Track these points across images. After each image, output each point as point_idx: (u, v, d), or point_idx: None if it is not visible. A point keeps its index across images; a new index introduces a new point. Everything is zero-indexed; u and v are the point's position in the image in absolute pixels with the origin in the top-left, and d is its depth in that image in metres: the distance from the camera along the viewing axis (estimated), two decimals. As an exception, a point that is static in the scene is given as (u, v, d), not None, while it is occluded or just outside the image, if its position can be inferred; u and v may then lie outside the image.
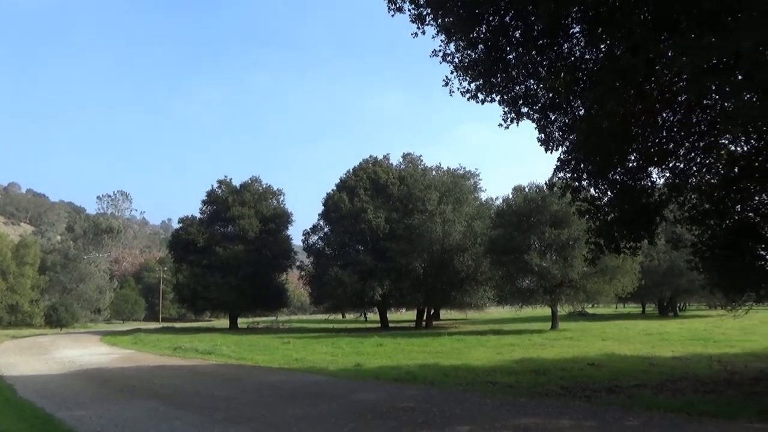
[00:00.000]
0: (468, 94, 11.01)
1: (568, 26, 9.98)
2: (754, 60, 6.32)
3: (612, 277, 31.75)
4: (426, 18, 10.78)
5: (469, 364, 15.87)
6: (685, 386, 11.04)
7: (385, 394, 10.78)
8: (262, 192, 50.66)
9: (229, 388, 12.13)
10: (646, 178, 12.07)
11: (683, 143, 11.97)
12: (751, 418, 7.63)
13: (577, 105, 10.98)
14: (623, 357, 17.11)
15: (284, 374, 14.58)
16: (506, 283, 34.38)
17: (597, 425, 7.61)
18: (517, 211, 33.35)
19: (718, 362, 15.07)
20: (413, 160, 46.77)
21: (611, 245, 11.97)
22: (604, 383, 11.63)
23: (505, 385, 11.52)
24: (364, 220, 40.24)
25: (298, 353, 20.53)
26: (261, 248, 47.25)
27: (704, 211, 12.69)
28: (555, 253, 32.28)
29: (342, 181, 44.73)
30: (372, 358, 18.14)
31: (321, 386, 12.13)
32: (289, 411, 9.28)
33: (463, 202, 41.53)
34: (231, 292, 44.56)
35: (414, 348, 21.83)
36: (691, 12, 7.92)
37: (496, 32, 10.08)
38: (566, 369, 14.18)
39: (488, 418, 8.26)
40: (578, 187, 11.89)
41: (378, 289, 38.24)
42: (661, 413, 8.21)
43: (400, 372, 14.09)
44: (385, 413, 8.82)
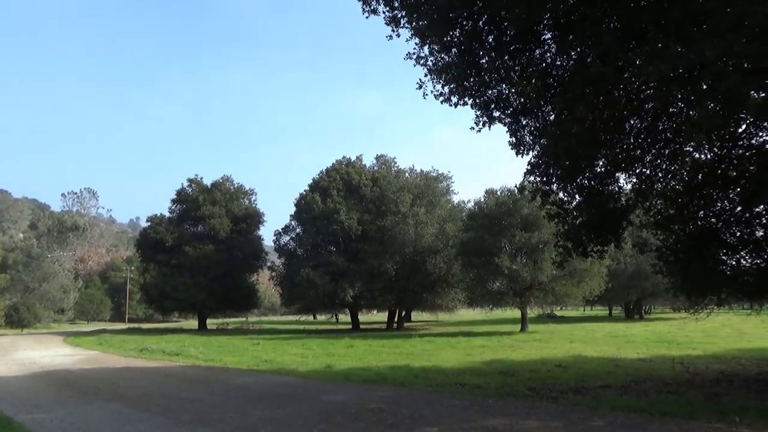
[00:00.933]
0: (441, 98, 11.08)
1: (540, 33, 10.13)
2: (717, 70, 6.51)
3: (580, 280, 32.33)
4: (400, 21, 10.82)
5: (439, 365, 15.95)
6: (649, 387, 11.29)
7: (355, 395, 10.76)
8: (233, 191, 50.11)
9: (197, 390, 11.94)
10: (614, 184, 12.32)
11: (650, 150, 12.26)
12: (711, 418, 7.84)
13: (548, 110, 11.15)
14: (590, 358, 17.42)
15: (253, 376, 14.43)
16: (477, 285, 34.69)
17: (563, 425, 7.72)
18: (488, 214, 33.69)
19: (680, 364, 15.46)
20: (386, 161, 46.88)
21: (579, 248, 12.18)
22: (570, 384, 11.82)
23: (474, 387, 11.61)
24: (336, 221, 40.15)
25: (267, 354, 20.34)
26: (232, 248, 46.72)
27: (669, 216, 13.02)
28: (525, 256, 32.70)
29: (315, 182, 44.55)
30: (342, 360, 18.08)
31: (290, 388, 12.04)
32: (257, 413, 9.18)
33: (435, 204, 41.80)
34: (200, 293, 43.96)
35: (385, 349, 21.84)
36: (658, 22, 8.12)
37: (469, 36, 10.18)
38: (534, 370, 14.37)
39: (456, 419, 8.31)
40: (548, 191, 12.07)
41: (349, 290, 38.18)
42: (625, 413, 8.38)
43: (371, 373, 14.08)
44: (354, 415, 8.80)
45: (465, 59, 10.38)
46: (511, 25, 8.92)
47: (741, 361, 16.24)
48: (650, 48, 7.53)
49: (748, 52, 6.40)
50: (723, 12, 6.78)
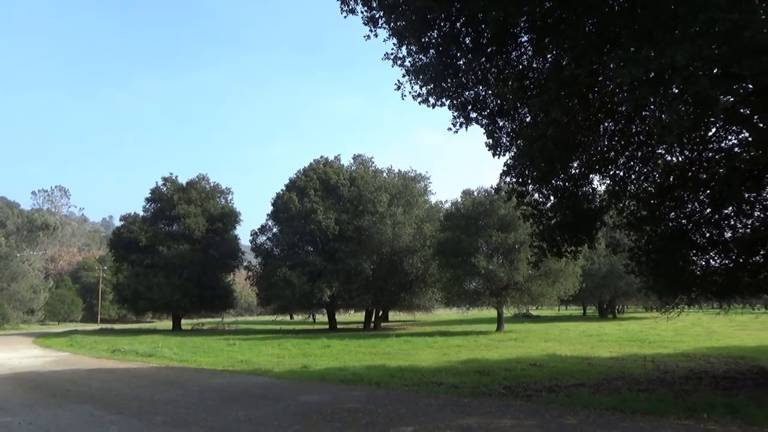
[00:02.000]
0: (419, 98, 11.14)
1: (517, 35, 10.25)
2: (687, 74, 6.66)
3: (555, 280, 32.73)
4: (378, 21, 10.86)
5: (415, 365, 16.00)
6: (621, 385, 11.49)
7: (331, 395, 10.74)
8: (209, 190, 49.56)
9: (170, 392, 11.78)
10: (588, 185, 12.53)
11: (623, 152, 12.49)
12: (680, 415, 8.01)
13: (524, 112, 11.29)
14: (564, 357, 17.65)
15: (228, 376, 14.29)
16: (454, 285, 34.89)
17: (537, 424, 7.82)
18: (465, 215, 33.91)
19: (651, 362, 15.75)
20: (364, 161, 46.82)
21: (554, 249, 12.34)
22: (545, 383, 11.96)
23: (450, 386, 11.67)
24: (313, 221, 39.97)
25: (243, 355, 20.16)
26: (207, 248, 46.21)
27: (641, 217, 13.28)
28: (501, 256, 32.99)
29: (292, 182, 44.29)
30: (319, 360, 18.02)
31: (266, 388, 11.96)
32: (231, 414, 9.10)
33: (413, 204, 41.91)
34: (175, 293, 43.39)
35: (361, 349, 21.82)
36: (631, 26, 8.28)
37: (447, 38, 10.25)
38: (509, 369, 14.51)
39: (432, 418, 8.35)
40: (523, 192, 12.21)
41: (327, 290, 38.04)
42: (598, 411, 8.51)
43: (347, 373, 14.06)
44: (329, 415, 8.78)
45: (442, 60, 10.45)
46: (487, 27, 9.00)
47: (710, 359, 16.62)
48: (623, 52, 7.66)
49: (717, 57, 6.56)
50: (693, 18, 6.93)
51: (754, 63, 6.35)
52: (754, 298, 14.79)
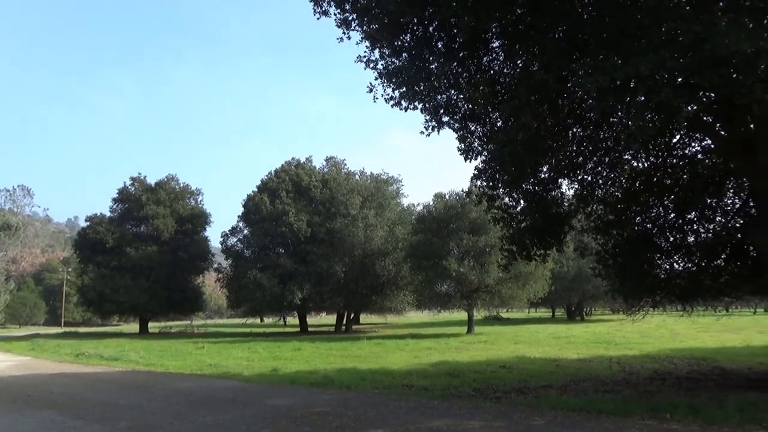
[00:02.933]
0: (392, 101, 11.15)
1: (488, 41, 10.37)
2: (651, 83, 6.83)
3: (525, 283, 33.14)
4: (351, 23, 10.85)
5: (386, 367, 16.01)
6: (588, 386, 11.70)
7: (301, 399, 10.67)
8: (179, 191, 48.77)
9: (136, 396, 11.55)
10: (557, 189, 12.73)
11: (591, 157, 12.75)
12: (644, 415, 8.19)
13: (495, 117, 11.41)
14: (533, 359, 17.89)
15: (196, 380, 14.07)
16: (425, 287, 35.03)
17: (505, 425, 7.90)
18: (437, 218, 34.10)
19: (617, 364, 16.08)
20: (336, 163, 46.70)
21: (523, 252, 12.51)
22: (514, 384, 12.11)
23: (420, 388, 11.72)
24: (285, 223, 39.67)
25: (212, 358, 19.89)
26: (176, 249, 45.47)
27: (608, 221, 13.57)
28: (472, 259, 33.24)
29: (263, 183, 43.88)
30: (289, 363, 17.89)
31: (234, 392, 11.81)
32: (199, 418, 8.96)
33: (385, 207, 41.95)
34: (142, 295, 42.54)
35: (332, 352, 21.75)
36: (599, 35, 8.46)
37: (419, 42, 10.30)
38: (479, 371, 14.64)
39: (401, 420, 8.37)
40: (494, 196, 12.35)
41: (298, 292, 37.78)
42: (564, 412, 8.64)
43: (317, 376, 13.99)
44: (299, 418, 8.72)
45: (415, 64, 10.49)
46: (460, 32, 9.07)
47: (673, 360, 17.05)
48: (591, 60, 7.82)
49: (680, 67, 6.74)
50: (657, 29, 7.13)
51: (713, 74, 6.55)
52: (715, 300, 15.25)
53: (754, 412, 7.84)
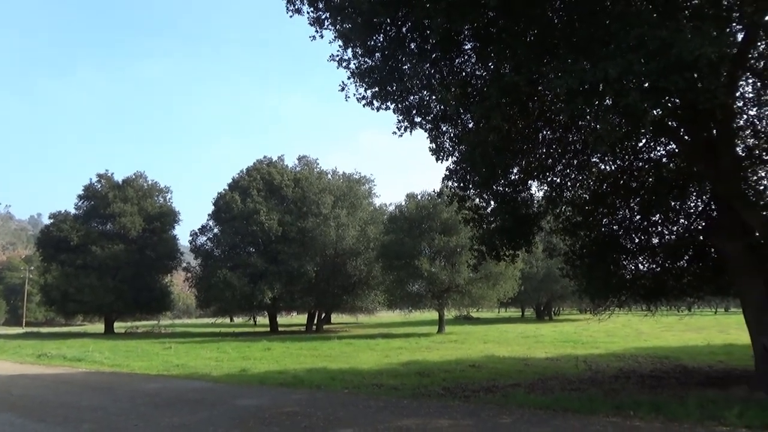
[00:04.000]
0: (364, 101, 11.14)
1: (461, 43, 10.43)
2: (619, 87, 6.98)
3: (495, 283, 33.51)
4: (324, 22, 10.79)
5: (356, 367, 15.99)
6: (554, 385, 11.88)
7: (270, 399, 10.57)
8: (147, 188, 47.86)
9: (100, 398, 11.28)
10: (527, 191, 12.89)
11: (560, 160, 12.94)
12: (609, 413, 8.36)
13: (467, 118, 11.48)
14: (502, 358, 18.09)
15: (162, 381, 13.82)
16: (397, 287, 35.14)
17: (473, 423, 7.97)
18: (409, 218, 34.23)
19: (584, 362, 16.37)
20: (309, 162, 46.46)
21: (492, 252, 12.63)
22: (482, 383, 12.22)
23: (391, 387, 11.73)
24: (256, 222, 39.28)
25: (179, 359, 19.57)
26: (144, 248, 44.63)
27: (576, 223, 13.79)
28: (444, 259, 33.47)
29: (234, 181, 43.37)
30: (259, 363, 17.73)
31: (202, 393, 11.64)
32: (165, 420, 8.80)
33: (357, 206, 41.91)
34: (108, 295, 41.61)
35: (303, 352, 21.63)
36: (569, 39, 8.59)
37: (392, 42, 10.31)
38: (449, 371, 14.74)
39: (371, 420, 8.36)
40: (464, 197, 12.43)
41: (268, 292, 37.44)
42: (532, 410, 8.76)
43: (287, 376, 13.90)
44: (267, 419, 8.64)
45: (388, 64, 10.50)
46: (433, 33, 9.10)
47: (638, 359, 17.43)
48: (560, 63, 7.95)
49: (647, 71, 6.90)
50: (625, 34, 7.27)
51: (679, 78, 6.73)
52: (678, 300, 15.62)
53: (713, 409, 8.07)
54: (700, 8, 8.90)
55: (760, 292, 10.13)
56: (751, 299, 10.31)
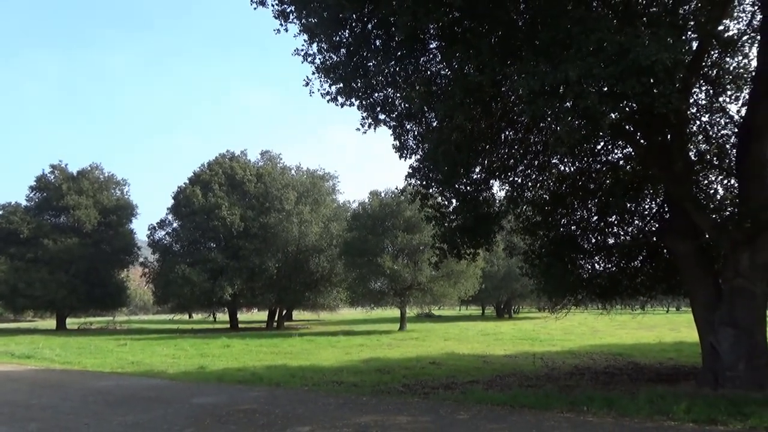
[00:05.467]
0: (328, 96, 11.08)
1: (426, 41, 10.48)
2: (578, 90, 7.12)
3: (456, 281, 33.89)
4: (289, 16, 10.66)
5: (317, 364, 15.92)
6: (512, 381, 12.08)
7: (227, 396, 10.41)
8: (103, 181, 46.43)
9: (49, 396, 10.89)
10: (488, 190, 13.05)
11: (522, 160, 13.15)
12: (563, 408, 8.55)
13: (431, 116, 11.55)
14: (462, 355, 18.29)
15: (116, 379, 13.46)
16: (359, 284, 35.15)
17: (431, 420, 8.04)
18: (372, 215, 34.25)
19: (541, 359, 16.71)
20: (272, 157, 45.91)
21: (454, 250, 12.74)
22: (442, 380, 12.33)
23: (351, 385, 11.72)
24: (217, 217, 38.59)
25: (134, 356, 19.09)
26: (99, 242, 43.31)
27: (536, 222, 14.05)
28: (406, 257, 33.65)
29: (195, 175, 42.46)
30: (217, 360, 17.45)
31: (157, 390, 11.38)
32: (117, 418, 8.56)
33: (320, 203, 41.68)
34: (60, 290, 40.19)
35: (263, 349, 21.40)
36: (531, 42, 8.73)
37: (358, 39, 10.27)
38: (409, 368, 14.82)
39: (330, 417, 8.33)
40: (427, 194, 12.51)
41: (228, 288, 36.86)
42: (489, 407, 8.89)
43: (246, 374, 13.72)
44: (224, 416, 8.51)
45: (353, 60, 10.46)
46: (398, 31, 9.11)
47: (593, 356, 17.90)
48: (523, 65, 8.06)
49: (605, 75, 7.07)
50: (585, 38, 7.43)
51: (636, 83, 6.92)
52: (632, 299, 16.06)
53: (662, 404, 8.34)
54: (657, 16, 9.19)
55: (708, 291, 10.52)
56: (700, 299, 10.70)
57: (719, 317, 9.87)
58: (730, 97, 12.36)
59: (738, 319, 9.64)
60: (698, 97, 12.57)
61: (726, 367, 9.60)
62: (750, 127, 10.37)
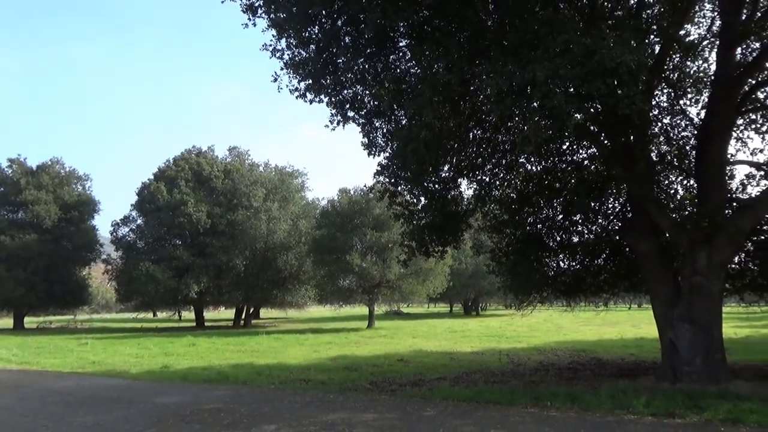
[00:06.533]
0: (297, 93, 10.99)
1: (395, 39, 10.48)
2: (545, 90, 7.22)
3: (425, 279, 34.07)
4: (258, 10, 10.53)
5: (284, 362, 15.80)
6: (478, 378, 12.22)
7: (192, 396, 10.24)
8: (64, 176, 45.07)
9: (5, 397, 10.55)
10: (456, 189, 13.15)
11: (490, 159, 13.29)
12: (528, 404, 8.69)
13: (400, 114, 11.57)
14: (429, 353, 18.41)
15: (76, 379, 13.11)
16: (328, 282, 35.03)
17: (398, 417, 8.06)
18: (341, 213, 34.16)
19: (507, 356, 16.93)
20: (240, 154, 45.27)
21: (422, 248, 12.80)
22: (409, 377, 12.38)
23: (318, 382, 11.67)
24: (183, 213, 37.88)
25: (96, 355, 18.63)
26: (59, 238, 42.06)
27: (503, 221, 14.22)
28: (375, 254, 33.66)
29: (161, 171, 41.58)
30: (182, 359, 17.16)
31: (119, 391, 11.12)
32: (77, 419, 8.34)
33: (289, 200, 41.34)
34: (18, 288, 38.87)
35: (229, 347, 21.15)
36: (500, 42, 8.82)
37: (327, 35, 10.20)
38: (377, 365, 14.84)
39: (296, 415, 8.28)
40: (395, 192, 12.53)
41: (194, 286, 36.24)
42: (455, 403, 8.97)
43: (211, 372, 13.53)
44: (188, 416, 8.37)
45: (322, 57, 10.38)
46: (367, 28, 9.08)
47: (557, 352, 18.23)
48: (491, 65, 8.14)
49: (572, 76, 7.19)
50: (552, 39, 7.54)
51: (601, 84, 7.06)
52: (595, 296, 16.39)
53: (623, 399, 8.55)
54: (622, 19, 9.39)
55: (668, 289, 10.82)
56: (660, 295, 10.99)
57: (678, 314, 10.16)
58: (690, 100, 12.75)
59: (696, 315, 9.93)
60: (660, 99, 12.93)
61: (684, 362, 9.89)
62: (708, 130, 10.71)
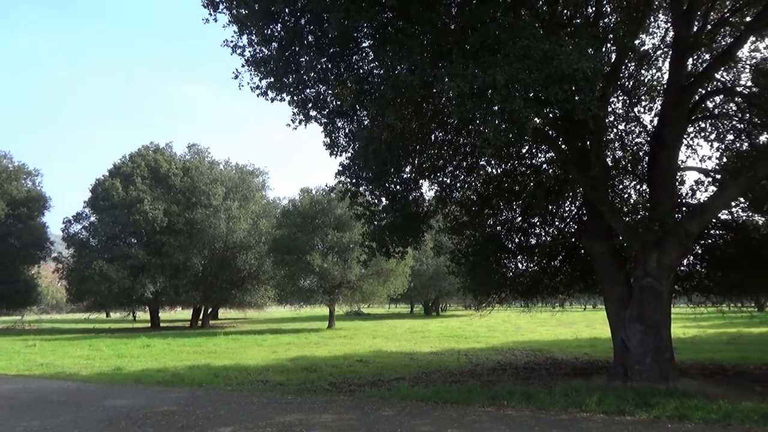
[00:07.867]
0: (258, 90, 10.83)
1: (359, 40, 10.46)
2: (505, 93, 7.34)
3: (386, 279, 34.16)
4: (219, 5, 10.34)
5: (242, 363, 15.58)
6: (437, 378, 12.31)
7: (145, 398, 9.98)
8: (12, 170, 43.27)
9: (-56, 401, 10.05)
10: (418, 190, 13.22)
11: (451, 161, 13.42)
12: (484, 403, 8.81)
13: (362, 115, 11.56)
14: (389, 353, 18.45)
15: (22, 382, 12.60)
16: (288, 282, 34.72)
17: (356, 417, 8.05)
18: (302, 212, 33.94)
19: (465, 356, 17.13)
20: (199, 151, 44.36)
21: (383, 249, 12.83)
22: (369, 378, 12.38)
23: (276, 384, 11.55)
24: (139, 211, 36.87)
25: (44, 357, 17.96)
26: (7, 236, 40.35)
27: (463, 222, 14.38)
28: (336, 255, 33.54)
29: (116, 167, 40.37)
30: (135, 361, 16.71)
31: (68, 394, 10.74)
32: (22, 424, 8.01)
33: (249, 199, 40.82)
34: (-39, 287, 37.26)
35: (185, 348, 20.71)
36: (461, 45, 8.91)
37: (290, 33, 10.10)
38: (336, 366, 14.79)
39: (253, 417, 8.17)
40: (356, 192, 12.51)
41: (150, 286, 35.35)
42: (414, 403, 9.02)
43: (166, 374, 13.22)
44: (141, 419, 8.15)
45: (284, 55, 10.27)
46: (331, 27, 9.04)
47: (515, 352, 18.54)
48: (453, 67, 8.22)
49: (531, 80, 7.32)
50: (513, 44, 7.67)
51: (558, 89, 7.22)
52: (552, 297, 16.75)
53: (576, 397, 8.76)
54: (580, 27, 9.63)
55: (620, 290, 11.13)
56: (612, 296, 11.30)
57: (629, 314, 10.47)
58: (644, 107, 13.19)
59: (646, 316, 10.25)
60: (615, 106, 13.31)
61: (635, 361, 10.19)
62: (661, 137, 11.08)
